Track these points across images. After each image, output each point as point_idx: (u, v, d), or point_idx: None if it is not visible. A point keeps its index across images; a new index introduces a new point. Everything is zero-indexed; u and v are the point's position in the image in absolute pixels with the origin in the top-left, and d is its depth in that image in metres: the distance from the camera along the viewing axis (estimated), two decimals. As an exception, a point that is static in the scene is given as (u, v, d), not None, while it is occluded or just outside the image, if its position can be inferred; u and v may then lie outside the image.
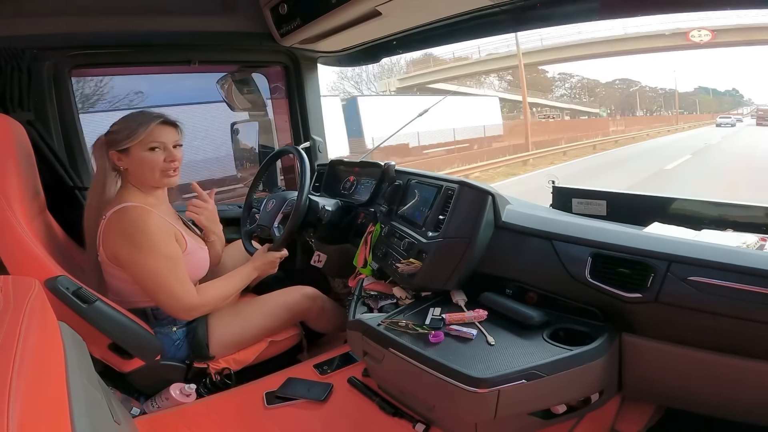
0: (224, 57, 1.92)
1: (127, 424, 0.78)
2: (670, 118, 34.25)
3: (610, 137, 20.57)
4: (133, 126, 1.20)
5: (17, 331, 0.52)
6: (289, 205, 1.50)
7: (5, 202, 1.13)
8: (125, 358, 1.23)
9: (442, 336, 0.97)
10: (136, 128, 1.20)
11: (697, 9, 1.19)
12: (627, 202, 1.30)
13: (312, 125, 2.02)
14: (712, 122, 28.14)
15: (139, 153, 1.21)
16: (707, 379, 0.90)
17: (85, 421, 0.51)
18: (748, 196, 1.16)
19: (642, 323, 0.94)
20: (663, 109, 38.65)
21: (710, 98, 41.42)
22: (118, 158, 1.22)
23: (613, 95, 37.39)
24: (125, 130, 1.21)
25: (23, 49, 1.43)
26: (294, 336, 1.47)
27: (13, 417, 0.40)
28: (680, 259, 0.89)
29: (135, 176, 1.24)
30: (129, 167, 1.23)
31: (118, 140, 1.21)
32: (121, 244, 1.19)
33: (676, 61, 50.21)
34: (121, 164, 1.23)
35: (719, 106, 39.54)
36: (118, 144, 1.21)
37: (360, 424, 1.11)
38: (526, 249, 1.10)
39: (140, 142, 1.20)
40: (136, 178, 1.24)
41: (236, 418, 1.14)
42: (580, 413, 1.00)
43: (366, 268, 1.41)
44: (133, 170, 1.23)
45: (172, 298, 1.21)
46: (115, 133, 1.22)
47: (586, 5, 1.24)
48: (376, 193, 1.59)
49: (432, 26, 1.50)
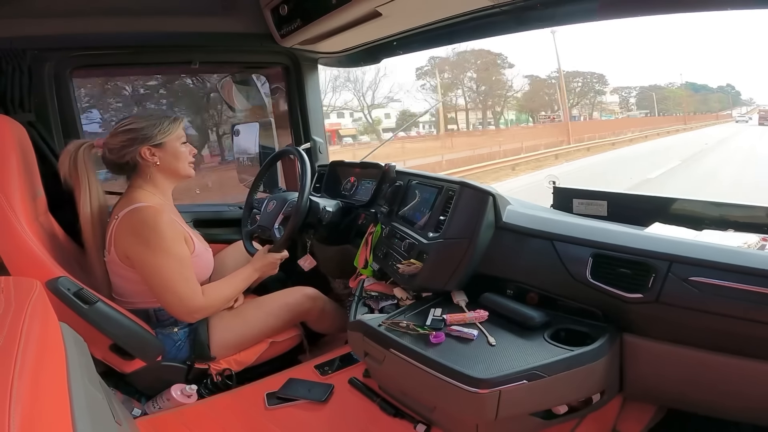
0: (225, 58, 1.93)
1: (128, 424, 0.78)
2: (633, 121, 28.40)
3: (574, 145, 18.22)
4: (164, 122, 1.27)
5: (18, 332, 0.52)
6: (290, 207, 1.50)
7: (6, 203, 1.14)
8: (126, 358, 1.24)
9: (443, 337, 0.97)
10: (169, 124, 1.27)
11: (697, 9, 1.19)
12: (628, 202, 1.29)
13: (312, 126, 2.02)
14: (703, 125, 25.66)
15: (174, 146, 1.29)
16: (708, 380, 0.89)
17: (86, 421, 0.51)
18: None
19: (643, 323, 0.94)
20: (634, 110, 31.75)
21: (696, 96, 33.85)
22: (151, 153, 1.26)
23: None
24: (155, 126, 1.26)
25: (24, 50, 1.44)
26: (295, 337, 1.48)
27: (14, 418, 0.40)
28: (681, 259, 0.88)
29: (167, 169, 1.29)
30: (163, 160, 1.27)
31: (151, 135, 1.25)
32: (133, 243, 1.20)
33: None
34: (154, 159, 1.26)
35: (706, 104, 33.82)
36: (153, 138, 1.25)
37: (361, 424, 1.10)
38: (527, 249, 1.10)
39: (176, 136, 1.29)
40: (168, 171, 1.29)
41: (237, 419, 1.14)
42: (582, 414, 0.99)
43: (367, 268, 1.41)
44: (166, 163, 1.28)
45: (177, 299, 1.21)
46: (143, 130, 1.25)
47: (587, 5, 1.24)
48: (377, 193, 1.59)
49: (432, 27, 1.50)
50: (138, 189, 1.27)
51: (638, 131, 23.90)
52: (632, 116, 31.05)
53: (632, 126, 26.51)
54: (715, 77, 51.50)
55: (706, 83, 35.24)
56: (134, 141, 1.24)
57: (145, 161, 1.25)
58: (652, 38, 44.02)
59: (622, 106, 32.01)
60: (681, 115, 31.84)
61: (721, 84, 36.22)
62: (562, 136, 21.54)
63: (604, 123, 28.08)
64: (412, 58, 38.69)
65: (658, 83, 33.83)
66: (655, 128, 25.04)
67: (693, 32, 46.72)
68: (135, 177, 1.29)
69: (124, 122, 1.27)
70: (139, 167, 1.27)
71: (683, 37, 43.38)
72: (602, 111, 30.62)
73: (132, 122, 1.26)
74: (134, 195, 1.25)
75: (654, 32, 41.75)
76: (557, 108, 27.20)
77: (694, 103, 33.60)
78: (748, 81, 47.75)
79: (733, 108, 33.29)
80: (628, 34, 45.29)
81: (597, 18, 1.29)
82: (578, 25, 1.36)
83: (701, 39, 43.95)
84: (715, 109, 33.96)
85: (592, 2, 1.22)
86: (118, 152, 1.26)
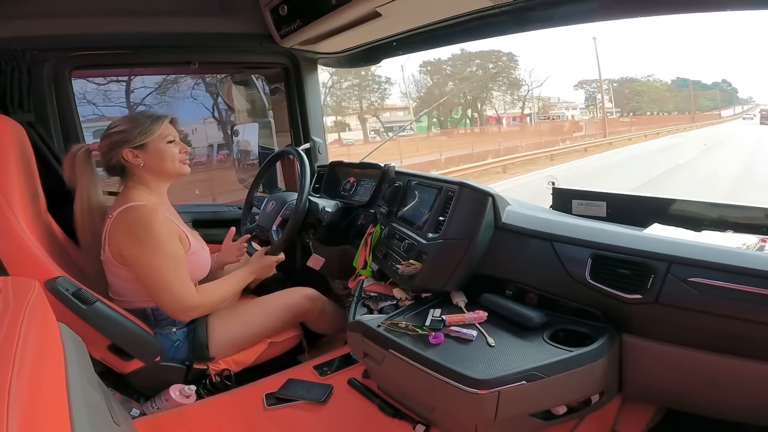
0: (224, 58, 1.93)
1: (126, 425, 0.78)
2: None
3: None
4: (145, 123, 1.26)
5: (17, 332, 0.52)
6: (288, 209, 1.50)
7: (5, 203, 1.14)
8: (125, 359, 1.23)
9: (442, 337, 0.97)
10: (150, 125, 1.26)
11: (697, 9, 1.19)
12: (627, 203, 1.29)
13: (312, 126, 2.02)
14: (691, 127, 22.01)
15: (157, 146, 1.26)
16: (707, 380, 0.90)
17: (84, 422, 0.51)
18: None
19: (642, 324, 0.94)
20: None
21: (683, 92, 28.06)
22: (134, 155, 1.25)
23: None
24: (137, 128, 1.25)
25: (23, 50, 1.44)
26: (294, 337, 1.47)
27: (12, 418, 0.40)
28: (680, 260, 0.88)
29: (153, 169, 1.28)
30: (147, 161, 1.26)
31: (132, 138, 1.24)
32: (127, 241, 1.20)
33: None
34: (138, 160, 1.25)
35: (699, 102, 28.29)
36: (133, 141, 1.24)
37: (360, 425, 1.10)
38: (526, 250, 1.10)
39: (158, 136, 1.26)
40: (155, 171, 1.28)
41: (236, 420, 1.14)
42: (581, 414, 0.99)
43: (366, 269, 1.41)
44: (151, 163, 1.27)
45: (171, 298, 1.21)
46: (124, 132, 1.24)
47: (587, 6, 1.24)
48: (376, 194, 1.59)
49: (432, 27, 1.51)
50: (132, 189, 1.27)
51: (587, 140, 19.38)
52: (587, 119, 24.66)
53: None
54: (708, 73, 45.60)
55: (699, 79, 29.14)
56: (117, 144, 1.24)
57: (130, 163, 1.25)
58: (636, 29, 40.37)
59: (589, 103, 26.45)
60: (657, 115, 26.85)
61: (716, 80, 30.27)
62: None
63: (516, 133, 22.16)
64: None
65: (633, 75, 27.81)
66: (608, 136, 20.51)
67: (685, 26, 44.08)
68: (127, 178, 1.29)
69: (111, 125, 1.27)
70: (128, 169, 1.27)
71: (673, 29, 40.02)
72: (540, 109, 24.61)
73: (117, 125, 1.26)
74: (129, 195, 1.25)
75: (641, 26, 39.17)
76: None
77: (677, 101, 27.87)
78: (742, 78, 42.89)
79: (723, 108, 28.50)
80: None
81: (597, 19, 1.29)
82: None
83: (693, 33, 41.79)
84: (705, 108, 28.64)
85: (591, 3, 1.22)
86: (105, 155, 1.26)
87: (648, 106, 27.03)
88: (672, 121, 25.75)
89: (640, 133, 20.97)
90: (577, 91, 27.40)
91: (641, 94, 26.93)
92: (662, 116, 26.92)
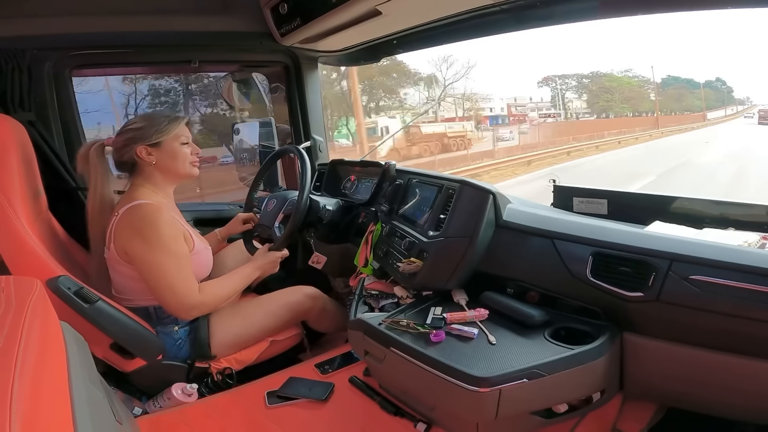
0: (224, 57, 1.93)
1: (128, 423, 0.78)
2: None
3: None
4: (162, 122, 1.28)
5: (19, 332, 0.52)
6: (290, 206, 1.50)
7: (7, 202, 1.14)
8: (127, 357, 1.24)
9: (443, 335, 0.97)
10: (167, 124, 1.28)
11: (697, 9, 1.19)
12: (628, 200, 1.29)
13: (312, 125, 2.02)
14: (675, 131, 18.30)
15: (171, 146, 1.29)
16: (709, 379, 0.89)
17: (87, 420, 0.51)
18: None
19: (643, 322, 0.93)
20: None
21: (668, 91, 22.50)
22: (147, 152, 1.27)
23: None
24: (153, 126, 1.27)
25: (24, 49, 1.44)
26: (295, 335, 1.48)
27: (15, 417, 0.40)
28: (682, 257, 0.88)
29: (164, 168, 1.29)
30: (159, 160, 1.28)
31: (148, 135, 1.26)
32: (131, 239, 1.20)
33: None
34: (150, 158, 1.27)
35: (681, 102, 22.65)
36: (149, 138, 1.26)
37: (361, 423, 1.11)
38: (528, 248, 1.10)
39: (173, 136, 1.29)
40: (166, 170, 1.30)
41: (238, 418, 1.14)
42: (582, 412, 0.99)
43: (367, 267, 1.41)
44: (164, 162, 1.28)
45: (174, 296, 1.21)
46: (141, 130, 1.26)
47: (587, 4, 1.23)
48: (377, 192, 1.59)
49: (432, 25, 1.50)
50: (139, 187, 1.28)
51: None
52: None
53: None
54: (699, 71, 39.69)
55: (691, 77, 23.01)
56: (132, 140, 1.26)
57: (142, 160, 1.27)
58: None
59: (554, 104, 21.64)
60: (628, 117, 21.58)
61: (709, 78, 23.70)
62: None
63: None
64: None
65: (599, 70, 22.60)
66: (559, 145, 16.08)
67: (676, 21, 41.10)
68: (136, 175, 1.30)
69: (129, 122, 1.30)
70: (138, 166, 1.29)
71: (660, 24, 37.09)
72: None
73: (134, 122, 1.29)
74: (135, 193, 1.26)
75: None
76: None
77: (663, 100, 22.45)
78: (736, 77, 37.79)
79: (711, 109, 23.02)
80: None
81: (597, 17, 1.28)
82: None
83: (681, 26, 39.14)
84: (696, 108, 23.19)
85: (592, 1, 1.21)
86: (119, 151, 1.28)
87: (619, 106, 21.93)
88: (639, 124, 20.85)
89: (589, 143, 16.08)
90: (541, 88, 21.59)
91: (611, 91, 21.63)
92: (629, 118, 21.76)
